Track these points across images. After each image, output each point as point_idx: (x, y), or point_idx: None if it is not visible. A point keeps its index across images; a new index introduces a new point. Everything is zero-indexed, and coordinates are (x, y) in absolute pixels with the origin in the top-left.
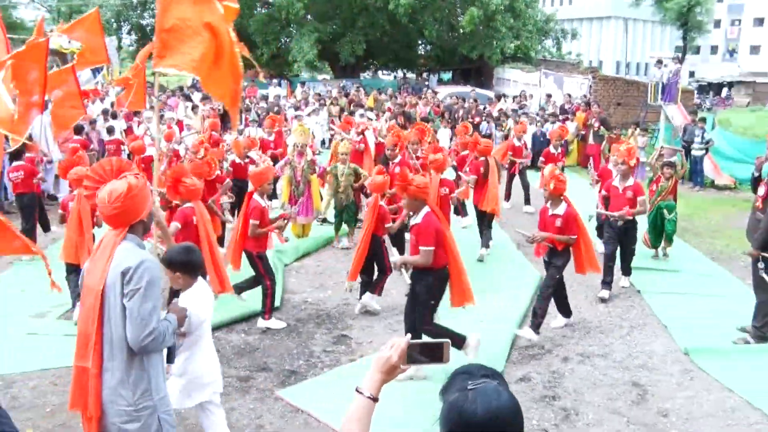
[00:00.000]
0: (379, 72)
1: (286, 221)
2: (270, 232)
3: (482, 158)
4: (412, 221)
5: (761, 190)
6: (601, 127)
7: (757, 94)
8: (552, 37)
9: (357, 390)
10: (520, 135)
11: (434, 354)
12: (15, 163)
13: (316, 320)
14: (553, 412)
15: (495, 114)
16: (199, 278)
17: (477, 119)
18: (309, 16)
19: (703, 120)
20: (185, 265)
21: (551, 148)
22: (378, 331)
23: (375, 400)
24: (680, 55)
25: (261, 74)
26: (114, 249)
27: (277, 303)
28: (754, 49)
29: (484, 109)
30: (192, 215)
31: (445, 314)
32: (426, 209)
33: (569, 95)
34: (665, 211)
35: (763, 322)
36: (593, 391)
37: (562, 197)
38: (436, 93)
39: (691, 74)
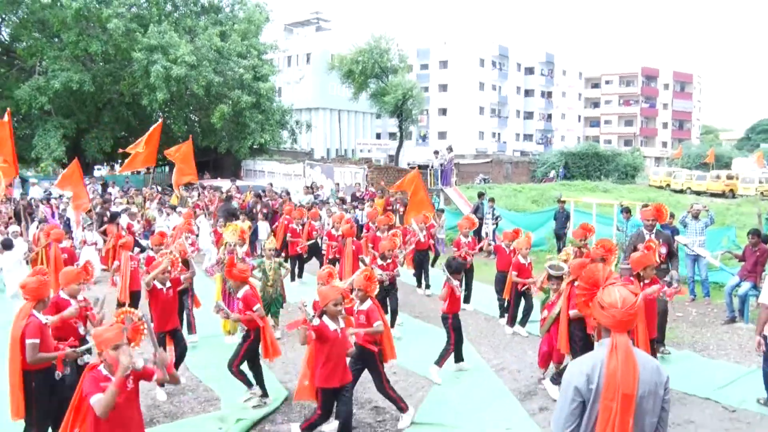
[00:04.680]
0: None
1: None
2: None
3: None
4: None
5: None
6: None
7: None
8: (288, 129)
9: None
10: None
11: None
12: None
13: (369, 410)
14: None
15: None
16: None
17: None
18: (52, 112)
19: (492, 199)
20: None
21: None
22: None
23: None
24: (397, 141)
25: None
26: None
27: None
28: (441, 135)
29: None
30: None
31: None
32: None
33: (359, 183)
34: None
35: None
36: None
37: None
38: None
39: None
